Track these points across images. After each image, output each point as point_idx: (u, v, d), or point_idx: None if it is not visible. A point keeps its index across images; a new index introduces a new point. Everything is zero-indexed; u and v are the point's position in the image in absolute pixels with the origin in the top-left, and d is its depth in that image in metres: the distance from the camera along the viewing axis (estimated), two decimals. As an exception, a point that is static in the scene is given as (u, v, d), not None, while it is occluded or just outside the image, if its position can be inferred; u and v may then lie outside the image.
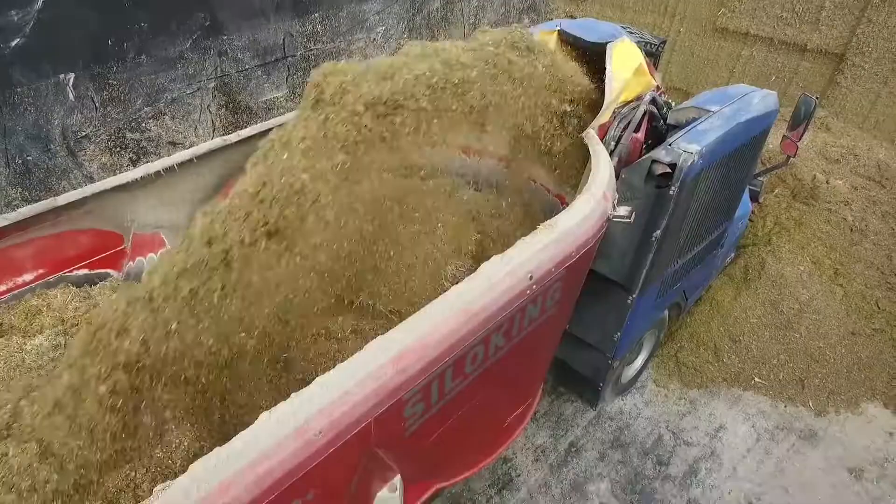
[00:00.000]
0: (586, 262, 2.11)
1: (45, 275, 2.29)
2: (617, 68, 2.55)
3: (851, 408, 3.54)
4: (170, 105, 3.67)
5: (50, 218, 2.22)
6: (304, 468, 1.24)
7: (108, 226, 2.42)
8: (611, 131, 2.55)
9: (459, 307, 1.54)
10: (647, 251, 2.52)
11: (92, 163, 3.43)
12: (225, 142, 2.56)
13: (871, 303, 3.93)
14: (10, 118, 2.99)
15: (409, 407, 1.53)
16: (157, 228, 2.54)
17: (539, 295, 1.82)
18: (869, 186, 4.37)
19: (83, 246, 2.36)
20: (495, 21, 5.99)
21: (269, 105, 4.27)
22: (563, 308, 2.18)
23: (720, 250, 3.49)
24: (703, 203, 2.68)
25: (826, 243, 4.10)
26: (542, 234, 1.79)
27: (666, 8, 5.94)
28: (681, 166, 2.26)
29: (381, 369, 1.37)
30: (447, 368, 1.58)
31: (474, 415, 2.01)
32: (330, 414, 1.28)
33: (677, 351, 3.77)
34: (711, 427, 3.40)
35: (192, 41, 3.57)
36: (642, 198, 2.40)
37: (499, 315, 1.65)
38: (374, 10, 4.66)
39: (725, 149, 2.51)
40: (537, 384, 2.76)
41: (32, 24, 2.86)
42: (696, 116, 2.59)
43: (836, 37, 4.88)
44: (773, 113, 2.83)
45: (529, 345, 2.03)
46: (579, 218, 1.88)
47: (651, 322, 3.28)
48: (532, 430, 3.32)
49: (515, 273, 1.66)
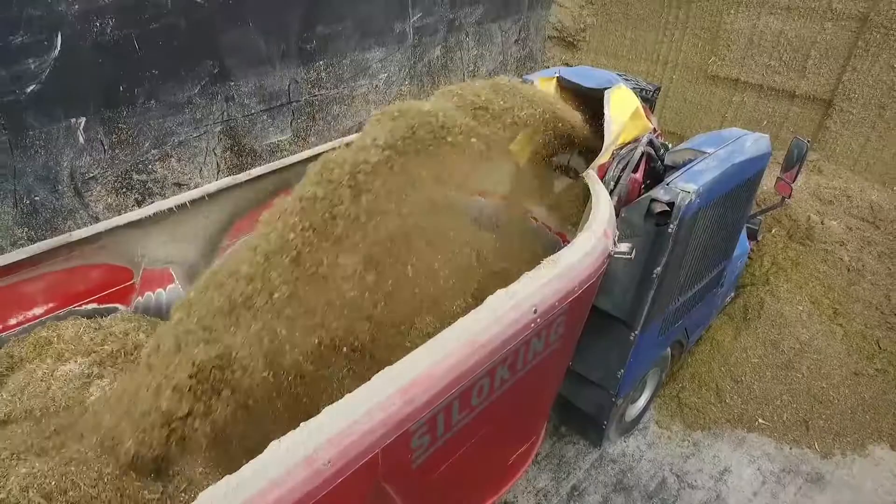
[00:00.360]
0: (589, 298, 2.14)
1: (55, 308, 2.31)
2: (615, 113, 2.65)
3: (858, 450, 3.48)
4: (176, 148, 3.76)
5: (63, 253, 2.27)
6: (312, 497, 1.24)
7: (119, 261, 2.47)
8: (610, 172, 2.64)
9: (466, 339, 1.57)
10: (648, 288, 2.57)
11: (98, 203, 3.50)
12: (234, 181, 2.64)
13: (872, 343, 3.92)
14: (21, 160, 3.07)
15: (416, 438, 1.53)
16: (166, 264, 2.58)
17: (543, 329, 1.84)
18: (863, 227, 4.43)
19: (93, 280, 2.39)
20: (493, 69, 6.20)
21: (273, 148, 4.37)
22: (567, 343, 2.19)
23: (720, 289, 3.51)
24: (701, 241, 2.73)
25: (824, 283, 4.13)
26: (545, 269, 1.83)
27: (658, 56, 6.15)
28: (679, 205, 2.33)
29: (388, 399, 1.39)
30: (454, 400, 1.59)
31: (479, 450, 2.01)
32: (339, 443, 1.29)
33: (679, 391, 3.74)
34: (716, 470, 3.33)
35: (200, 87, 3.69)
36: (642, 235, 2.46)
37: (504, 347, 1.67)
38: (377, 58, 4.84)
39: (721, 189, 2.58)
40: (541, 421, 2.74)
41: (48, 71, 2.98)
42: (692, 158, 2.68)
43: (823, 84, 5.05)
44: (766, 155, 2.91)
45: (534, 379, 2.04)
46: (581, 254, 1.92)
47: (654, 359, 3.27)
48: (533, 472, 3.26)
49: (520, 306, 1.70)
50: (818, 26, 4.93)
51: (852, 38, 4.78)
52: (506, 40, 6.21)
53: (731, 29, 5.44)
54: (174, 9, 3.36)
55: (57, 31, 2.94)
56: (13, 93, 2.91)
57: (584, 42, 6.64)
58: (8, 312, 2.21)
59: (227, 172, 4.11)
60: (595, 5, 6.42)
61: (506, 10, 5.97)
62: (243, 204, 2.73)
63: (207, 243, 2.68)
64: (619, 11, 6.27)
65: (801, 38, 5.05)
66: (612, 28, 6.41)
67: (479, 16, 5.67)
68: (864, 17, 4.65)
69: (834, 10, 4.79)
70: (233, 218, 2.71)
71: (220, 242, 2.72)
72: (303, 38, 4.17)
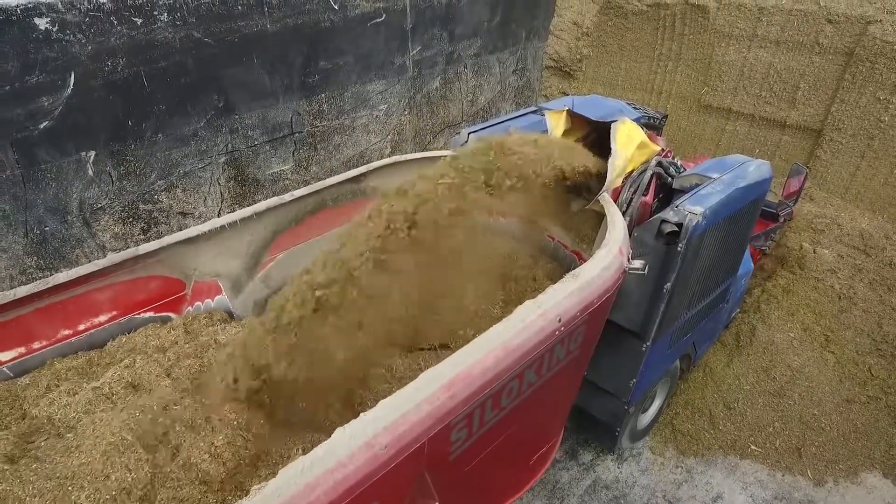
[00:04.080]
0: (606, 310, 2.34)
1: (118, 317, 2.55)
2: (621, 146, 2.89)
3: (850, 477, 3.50)
4: (182, 178, 3.89)
5: (129, 265, 2.52)
6: (371, 478, 1.44)
7: (174, 273, 2.70)
8: (622, 195, 2.92)
9: (499, 343, 1.76)
10: (659, 302, 2.75)
11: (105, 233, 3.61)
12: (280, 201, 2.90)
13: (864, 370, 3.96)
14: (32, 192, 3.19)
15: (455, 431, 1.73)
16: (215, 276, 2.80)
17: (566, 337, 2.05)
18: (854, 255, 4.50)
19: (151, 291, 2.65)
20: (491, 98, 6.36)
21: (276, 178, 4.50)
22: (584, 352, 2.39)
23: (726, 305, 3.64)
24: (708, 259, 2.92)
25: (815, 310, 4.19)
26: (568, 283, 2.03)
27: (653, 86, 6.30)
28: (687, 226, 2.52)
29: (434, 394, 1.59)
30: (487, 399, 1.79)
31: (506, 448, 2.21)
32: (394, 431, 1.49)
33: (673, 418, 3.78)
34: (709, 496, 3.36)
35: (206, 120, 3.83)
36: (653, 254, 2.66)
37: (532, 353, 1.86)
38: (377, 91, 4.99)
39: (726, 211, 2.77)
40: (559, 426, 2.94)
41: (61, 108, 3.12)
42: (698, 182, 2.88)
43: (813, 114, 5.17)
44: (768, 180, 3.10)
45: (555, 384, 2.24)
46: (600, 268, 2.13)
47: (663, 370, 3.41)
48: (528, 498, 3.30)
49: (546, 315, 1.89)
50: (806, 59, 5.07)
51: (839, 71, 4.91)
52: (504, 71, 6.38)
53: (723, 61, 5.59)
54: (182, 47, 3.51)
55: (70, 71, 3.08)
56: (27, 129, 3.04)
57: (581, 72, 6.80)
58: (78, 319, 2.46)
59: (230, 202, 4.23)
60: (591, 37, 6.60)
61: (503, 42, 6.15)
62: (283, 223, 2.99)
63: (251, 258, 2.93)
64: (614, 43, 6.44)
65: (791, 70, 5.19)
66: (607, 59, 6.58)
67: (478, 48, 5.84)
68: (850, 51, 4.79)
69: (821, 45, 4.93)
70: (274, 235, 2.98)
71: (263, 257, 2.97)
72: (305, 72, 4.32)
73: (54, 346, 2.40)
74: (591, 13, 6.53)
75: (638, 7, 6.07)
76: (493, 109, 6.48)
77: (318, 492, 1.33)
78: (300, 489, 1.32)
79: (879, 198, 4.93)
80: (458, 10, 5.35)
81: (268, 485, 1.31)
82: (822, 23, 4.89)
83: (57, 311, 2.39)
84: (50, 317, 2.38)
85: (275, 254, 3.02)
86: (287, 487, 1.31)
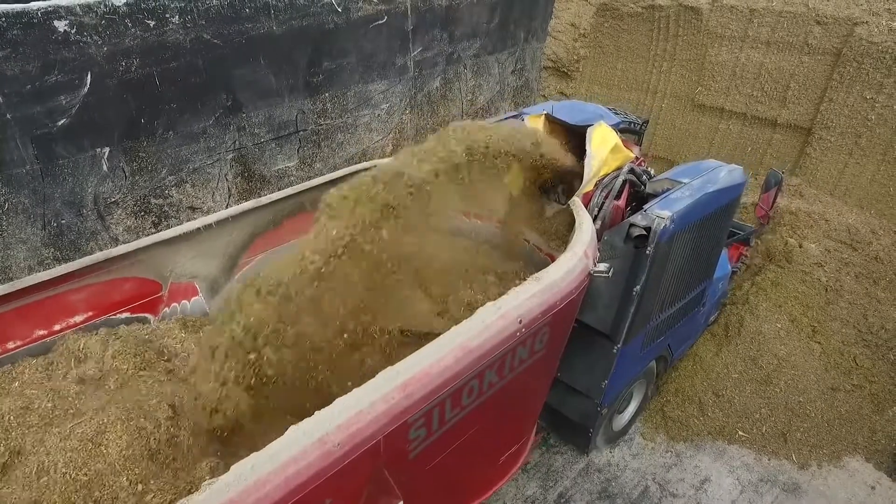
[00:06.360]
0: (571, 312, 2.37)
1: (93, 317, 2.57)
2: (595, 148, 2.97)
3: (833, 461, 3.65)
4: (191, 174, 4.04)
5: (105, 266, 2.53)
6: (324, 474, 1.46)
7: (150, 275, 2.73)
8: (594, 199, 2.95)
9: (457, 344, 1.80)
10: (629, 304, 2.81)
11: (118, 226, 3.76)
12: (257, 204, 2.94)
13: (850, 359, 4.10)
14: (50, 186, 3.34)
15: (413, 430, 1.75)
16: (192, 278, 2.84)
17: (528, 338, 2.08)
18: (841, 249, 4.64)
19: (127, 292, 2.66)
20: (491, 98, 6.51)
21: (281, 174, 4.65)
22: (551, 353, 2.42)
23: (702, 308, 3.72)
24: (679, 262, 2.99)
25: (802, 303, 4.32)
26: (530, 285, 2.07)
27: (648, 86, 6.45)
28: (655, 229, 2.59)
29: (389, 393, 1.62)
30: (446, 398, 1.82)
31: (471, 447, 2.23)
32: (347, 429, 1.52)
33: (663, 405, 3.93)
34: (697, 479, 3.51)
35: (214, 118, 3.98)
36: (622, 257, 2.72)
37: (492, 353, 1.91)
38: (380, 90, 5.14)
39: (695, 215, 2.84)
40: (529, 426, 2.95)
41: (78, 106, 3.27)
42: (669, 187, 2.95)
43: (803, 113, 5.31)
44: (740, 185, 3.16)
45: (520, 384, 2.27)
46: (563, 271, 2.18)
47: (637, 372, 3.48)
48: (522, 480, 3.44)
49: (507, 317, 1.93)
50: (796, 59, 5.22)
51: (828, 70, 5.06)
52: (503, 71, 6.53)
53: (716, 61, 5.74)
54: (192, 48, 3.67)
55: (87, 71, 3.23)
56: (46, 126, 3.20)
57: (578, 72, 6.95)
58: (54, 319, 2.47)
59: (237, 197, 4.38)
60: (588, 38, 6.74)
61: (502, 43, 6.30)
62: (262, 225, 3.03)
63: (229, 259, 2.97)
64: (611, 44, 6.59)
65: (781, 70, 5.33)
66: (604, 60, 6.73)
67: (477, 49, 5.99)
68: (837, 51, 4.94)
69: (810, 45, 5.08)
70: (252, 237, 3.01)
71: (240, 258, 3.00)
72: (310, 72, 4.47)
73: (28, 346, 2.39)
74: (587, 15, 6.68)
75: (633, 9, 6.22)
76: (493, 109, 6.63)
77: (268, 487, 1.35)
78: (250, 484, 1.33)
79: (867, 194, 5.07)
80: (458, 11, 5.50)
81: (218, 480, 1.31)
82: (811, 24, 5.03)
83: (31, 311, 2.38)
84: (24, 317, 2.37)
85: (253, 255, 3.04)
86: (237, 483, 1.32)
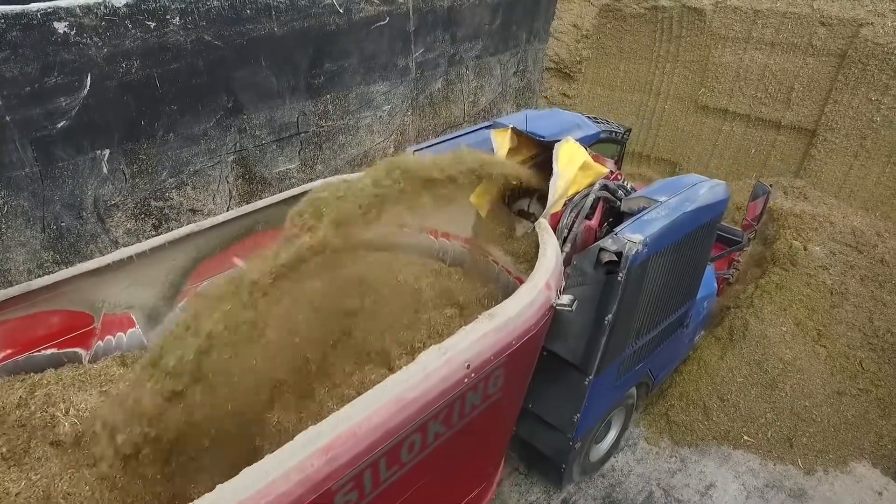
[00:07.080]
0: (531, 350, 2.16)
1: (14, 354, 2.31)
2: (563, 167, 2.75)
3: (840, 467, 3.61)
4: (192, 176, 4.02)
5: (24, 300, 2.27)
6: None
7: (79, 307, 2.47)
8: (563, 220, 2.75)
9: (392, 396, 1.59)
10: (600, 334, 2.59)
11: (118, 228, 3.74)
12: (198, 227, 2.69)
13: (855, 363, 4.07)
14: (49, 189, 3.32)
15: (340, 496, 1.54)
16: (127, 309, 2.60)
17: (479, 382, 1.88)
18: (846, 252, 4.60)
19: (53, 326, 2.39)
20: (493, 99, 6.48)
21: (282, 176, 4.63)
22: (510, 393, 2.20)
23: (685, 330, 3.51)
24: (656, 287, 2.78)
25: (807, 306, 4.29)
26: (481, 324, 1.85)
27: (651, 87, 6.42)
28: (626, 254, 2.39)
29: (307, 460, 1.42)
30: (381, 457, 1.62)
31: (422, 499, 2.02)
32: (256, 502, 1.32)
33: (668, 409, 3.89)
34: (702, 485, 3.47)
35: (215, 120, 3.96)
36: (592, 284, 2.52)
37: (435, 404, 1.70)
38: (381, 92, 5.12)
39: (672, 236, 2.64)
40: (492, 466, 2.73)
41: (77, 108, 3.25)
42: (645, 206, 2.72)
43: (807, 115, 5.28)
44: (723, 202, 2.97)
45: (475, 429, 2.06)
46: (521, 306, 1.95)
47: (613, 402, 3.26)
48: (525, 486, 3.41)
49: (452, 362, 1.73)
50: (801, 61, 5.19)
51: (833, 72, 5.03)
52: (505, 72, 6.50)
53: (719, 62, 5.71)
54: (193, 50, 3.64)
55: (87, 72, 3.21)
56: (45, 128, 3.17)
57: (580, 74, 6.92)
58: None
59: (238, 199, 4.36)
60: (590, 39, 6.72)
61: (504, 44, 6.27)
62: (206, 249, 2.78)
63: (170, 287, 2.71)
64: (613, 45, 6.57)
65: (785, 71, 5.30)
66: (606, 61, 6.70)
67: (479, 50, 5.96)
68: (842, 53, 4.91)
69: (814, 47, 5.05)
70: (195, 263, 2.76)
71: (183, 286, 2.75)
72: (311, 73, 4.45)
73: None
74: (590, 16, 6.65)
75: (636, 10, 6.19)
76: (495, 110, 6.61)
77: None
78: None
79: (872, 196, 5.04)
80: (460, 13, 5.48)
81: None
82: (816, 25, 5.00)
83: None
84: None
85: (197, 282, 2.78)
86: None
